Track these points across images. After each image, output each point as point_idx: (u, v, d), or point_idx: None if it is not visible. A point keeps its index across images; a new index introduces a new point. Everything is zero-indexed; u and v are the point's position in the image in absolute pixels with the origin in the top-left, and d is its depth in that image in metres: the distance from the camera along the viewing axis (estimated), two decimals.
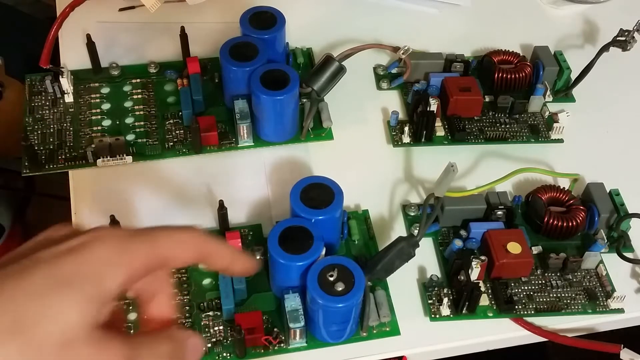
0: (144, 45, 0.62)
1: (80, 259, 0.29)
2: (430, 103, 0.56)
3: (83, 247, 0.29)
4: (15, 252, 0.30)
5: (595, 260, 0.50)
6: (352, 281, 0.43)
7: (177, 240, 0.32)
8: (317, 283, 0.43)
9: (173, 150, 0.55)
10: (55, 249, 0.29)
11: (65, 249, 0.29)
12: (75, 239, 0.30)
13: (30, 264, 0.29)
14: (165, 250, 0.31)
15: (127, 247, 0.30)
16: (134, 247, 0.30)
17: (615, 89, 0.64)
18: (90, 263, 0.29)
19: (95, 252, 0.29)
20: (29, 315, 0.28)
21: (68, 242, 0.30)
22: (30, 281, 0.28)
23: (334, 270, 0.43)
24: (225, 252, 0.34)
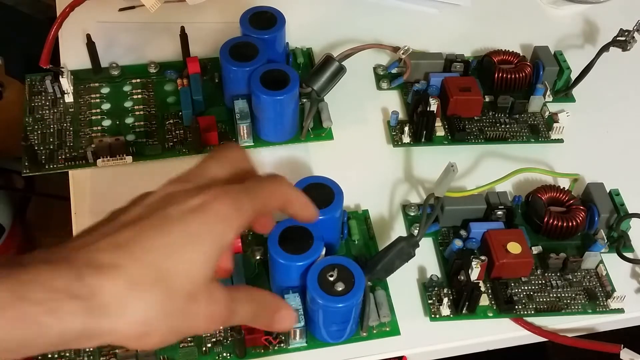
0: (144, 45, 0.62)
1: (205, 218, 0.32)
2: (430, 103, 0.56)
3: (205, 206, 0.32)
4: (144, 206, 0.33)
5: (595, 260, 0.50)
6: (352, 281, 0.43)
7: (272, 192, 0.36)
8: (317, 283, 0.43)
9: (173, 150, 0.55)
10: (183, 206, 0.32)
11: (190, 207, 0.32)
12: (197, 197, 0.33)
13: (164, 221, 0.32)
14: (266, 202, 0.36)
15: (239, 205, 0.34)
16: (244, 203, 0.34)
17: (615, 89, 0.64)
18: (213, 221, 0.32)
19: (215, 210, 0.32)
20: (168, 268, 0.31)
21: (192, 200, 0.33)
22: (167, 238, 0.31)
23: (334, 271, 0.43)
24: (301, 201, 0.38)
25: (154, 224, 0.32)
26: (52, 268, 0.29)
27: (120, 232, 0.32)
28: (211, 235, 0.32)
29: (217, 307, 0.33)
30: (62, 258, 0.30)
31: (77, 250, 0.31)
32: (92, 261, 0.30)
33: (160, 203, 0.33)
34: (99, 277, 0.30)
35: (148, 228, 0.32)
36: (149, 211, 0.33)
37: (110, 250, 0.31)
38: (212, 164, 0.36)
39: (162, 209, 0.33)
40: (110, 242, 0.31)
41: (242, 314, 0.35)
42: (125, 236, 0.31)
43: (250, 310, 0.35)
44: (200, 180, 0.35)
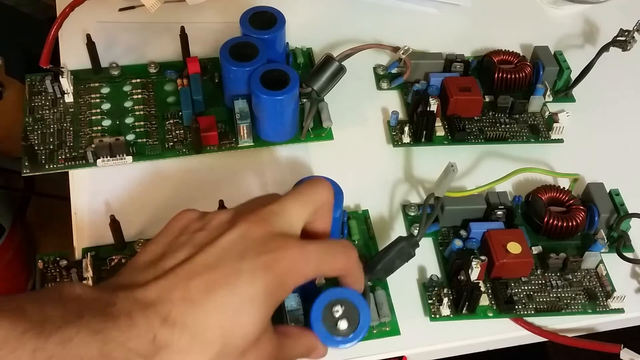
0: (144, 45, 0.62)
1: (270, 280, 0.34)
2: (430, 103, 0.56)
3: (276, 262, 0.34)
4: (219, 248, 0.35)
5: (595, 260, 0.50)
6: (357, 321, 0.40)
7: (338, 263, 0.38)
8: (321, 320, 0.40)
9: (173, 150, 0.55)
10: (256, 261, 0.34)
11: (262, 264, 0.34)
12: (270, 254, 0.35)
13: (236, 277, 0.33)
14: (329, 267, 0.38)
15: (305, 267, 0.36)
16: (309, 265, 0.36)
17: (615, 89, 0.64)
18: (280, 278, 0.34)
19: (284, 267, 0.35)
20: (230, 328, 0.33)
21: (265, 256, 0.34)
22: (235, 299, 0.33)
23: (340, 306, 0.42)
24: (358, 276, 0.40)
25: (225, 279, 0.33)
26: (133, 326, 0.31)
27: (193, 283, 0.33)
28: (272, 296, 0.34)
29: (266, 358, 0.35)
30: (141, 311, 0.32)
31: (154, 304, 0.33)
32: (167, 320, 0.32)
33: (235, 249, 0.35)
34: (170, 335, 0.32)
35: (220, 285, 0.33)
36: (223, 257, 0.34)
37: (183, 308, 0.33)
38: (297, 206, 0.38)
39: (236, 259, 0.34)
40: (183, 298, 0.33)
41: (287, 357, 0.38)
42: (198, 290, 0.33)
43: (295, 354, 0.38)
44: (280, 225, 0.36)
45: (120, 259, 0.49)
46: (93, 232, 0.51)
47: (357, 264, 0.39)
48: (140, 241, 0.50)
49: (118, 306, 0.32)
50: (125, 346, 0.31)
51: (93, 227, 0.51)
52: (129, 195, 0.53)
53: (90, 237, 0.51)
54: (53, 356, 0.29)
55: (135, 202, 0.53)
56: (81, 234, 0.51)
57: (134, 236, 0.50)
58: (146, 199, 0.53)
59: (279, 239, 0.35)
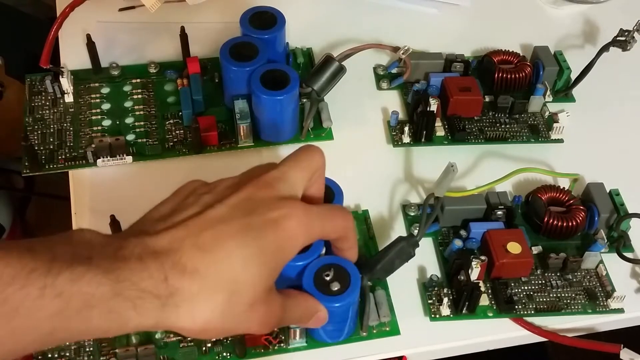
0: (144, 45, 0.62)
1: (279, 234, 0.35)
2: (430, 103, 0.56)
3: (282, 222, 0.35)
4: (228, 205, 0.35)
5: (595, 260, 0.50)
6: (348, 281, 0.43)
7: (339, 224, 0.39)
8: (313, 283, 0.42)
9: (173, 150, 0.55)
10: (264, 216, 0.35)
11: (270, 219, 0.35)
12: (277, 210, 0.36)
13: (245, 230, 0.34)
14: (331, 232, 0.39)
15: (310, 228, 0.37)
16: (315, 227, 0.37)
17: (615, 89, 0.64)
18: (285, 239, 0.36)
19: (289, 228, 0.36)
20: (239, 278, 0.34)
21: (272, 213, 0.35)
22: (245, 250, 0.34)
23: (330, 270, 0.43)
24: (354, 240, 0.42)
25: (236, 232, 0.34)
26: (145, 268, 0.32)
27: (204, 233, 0.34)
28: (280, 253, 0.36)
29: (272, 315, 0.37)
30: (153, 257, 0.33)
31: (167, 252, 0.33)
32: (177, 264, 0.33)
33: (244, 208, 0.35)
34: (181, 280, 0.33)
35: (230, 236, 0.34)
36: (233, 213, 0.35)
37: (193, 253, 0.33)
38: (298, 172, 0.39)
39: (244, 215, 0.35)
40: (195, 245, 0.34)
41: (290, 319, 0.39)
42: (209, 239, 0.34)
43: (296, 315, 0.40)
44: (284, 190, 0.37)
45: None
46: None
47: (354, 227, 0.41)
48: None
49: (129, 249, 0.33)
50: (138, 286, 0.31)
51: (93, 227, 0.50)
52: (129, 195, 0.53)
53: None
54: (63, 293, 0.30)
55: (135, 202, 0.52)
56: None
57: None
58: (146, 199, 0.53)
59: (284, 201, 0.36)
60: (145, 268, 0.32)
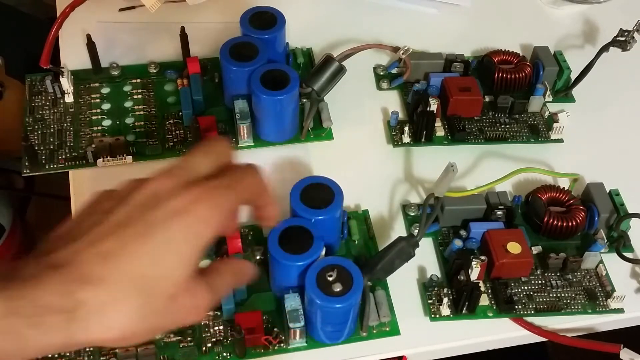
0: (144, 45, 0.62)
1: (186, 222, 0.34)
2: (430, 103, 0.56)
3: (187, 209, 0.34)
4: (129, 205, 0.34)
5: (595, 260, 0.50)
6: (350, 282, 0.43)
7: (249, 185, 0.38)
8: (316, 283, 0.43)
9: (173, 150, 0.55)
10: (166, 209, 0.34)
11: (173, 210, 0.34)
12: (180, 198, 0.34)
13: (148, 228, 0.33)
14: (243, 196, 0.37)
15: (218, 205, 0.35)
16: (222, 202, 0.35)
17: (615, 89, 0.64)
18: (194, 224, 0.34)
19: (197, 214, 0.34)
20: (150, 275, 0.33)
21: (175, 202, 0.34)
22: (150, 245, 0.33)
23: (333, 271, 0.43)
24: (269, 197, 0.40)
25: (138, 232, 0.33)
26: (43, 284, 0.31)
27: (105, 241, 0.33)
28: (192, 238, 0.34)
29: (200, 299, 0.35)
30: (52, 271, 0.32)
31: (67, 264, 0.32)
32: (79, 276, 0.32)
33: (145, 204, 0.34)
34: (86, 291, 0.31)
35: (133, 238, 0.33)
36: (134, 214, 0.34)
37: (96, 262, 0.32)
38: (201, 158, 0.37)
39: (146, 212, 0.34)
40: (97, 254, 0.32)
41: (221, 292, 0.38)
42: (111, 246, 0.33)
43: (226, 286, 0.39)
44: (187, 176, 0.36)
45: None
46: None
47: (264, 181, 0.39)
48: None
49: (26, 269, 0.32)
50: (35, 303, 0.30)
51: None
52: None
53: None
54: None
55: None
56: None
57: None
58: None
59: (186, 188, 0.35)
60: (44, 284, 0.31)
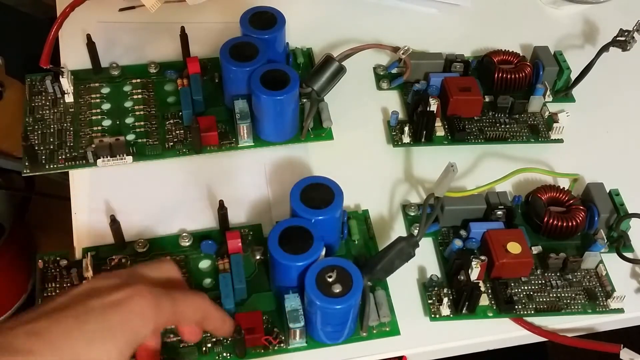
0: (144, 45, 0.62)
1: (123, 313, 0.35)
2: (430, 103, 0.56)
3: (126, 302, 0.35)
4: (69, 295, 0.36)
5: (595, 260, 0.50)
6: (350, 283, 0.43)
7: (191, 305, 0.40)
8: (315, 284, 0.43)
9: (173, 150, 0.55)
10: (105, 299, 0.35)
11: (112, 301, 0.35)
12: (120, 292, 0.36)
13: (85, 312, 0.34)
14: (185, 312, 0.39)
15: (158, 305, 0.37)
16: (162, 305, 0.37)
17: (615, 89, 0.64)
18: (131, 317, 0.35)
19: (135, 307, 0.36)
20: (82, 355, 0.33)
21: (115, 294, 0.36)
22: (86, 328, 0.34)
23: (333, 272, 0.43)
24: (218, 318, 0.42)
25: (73, 314, 0.34)
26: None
27: (38, 321, 0.34)
28: (127, 330, 0.35)
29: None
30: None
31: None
32: (7, 346, 0.32)
33: (84, 295, 0.36)
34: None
35: (66, 317, 0.34)
36: (72, 301, 0.35)
37: (25, 337, 0.33)
38: (144, 267, 0.40)
39: (84, 300, 0.35)
40: (27, 330, 0.33)
41: None
42: (42, 324, 0.34)
43: None
44: (128, 279, 0.38)
45: (120, 259, 0.49)
46: (93, 232, 0.51)
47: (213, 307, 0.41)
48: (140, 241, 0.50)
49: None
50: None
51: (93, 227, 0.51)
52: (129, 195, 0.53)
53: (90, 237, 0.51)
54: None
55: (135, 202, 0.53)
56: (81, 234, 0.51)
57: (134, 236, 0.50)
58: (146, 199, 0.53)
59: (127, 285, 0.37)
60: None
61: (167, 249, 0.50)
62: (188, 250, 0.50)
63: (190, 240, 0.50)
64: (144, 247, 0.50)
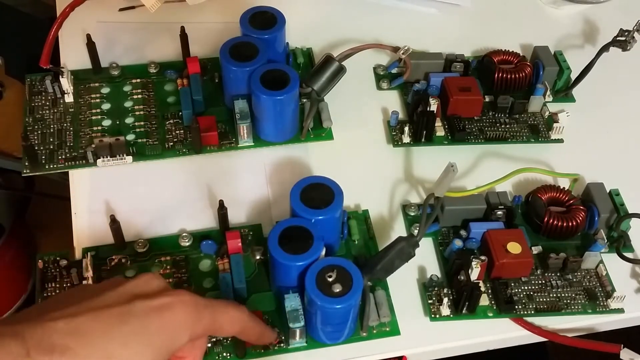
0: (144, 45, 0.62)
1: (164, 318, 0.35)
2: (430, 103, 0.56)
3: (168, 307, 0.36)
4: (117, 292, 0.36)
5: (595, 260, 0.50)
6: (350, 283, 0.43)
7: (230, 318, 0.40)
8: (315, 283, 0.43)
9: (173, 150, 0.55)
10: (149, 302, 0.35)
11: (155, 305, 0.36)
12: (164, 297, 0.36)
13: (127, 313, 0.35)
14: (223, 324, 0.40)
15: (198, 316, 0.37)
16: (202, 316, 0.37)
17: (615, 89, 0.64)
18: (171, 325, 0.36)
19: (176, 315, 0.36)
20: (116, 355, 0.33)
21: (159, 299, 0.36)
22: (125, 329, 0.34)
23: (333, 272, 0.43)
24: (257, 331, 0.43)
25: (116, 313, 0.34)
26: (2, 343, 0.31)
27: (81, 316, 0.34)
28: (165, 336, 0.35)
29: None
30: (16, 333, 0.32)
31: (33, 326, 0.32)
32: (43, 342, 0.32)
33: (131, 295, 0.36)
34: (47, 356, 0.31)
35: (109, 317, 0.34)
36: (118, 299, 0.35)
37: (65, 333, 0.33)
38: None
39: (130, 301, 0.35)
40: (69, 325, 0.33)
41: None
42: (85, 322, 0.33)
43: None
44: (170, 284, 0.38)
45: (120, 259, 0.49)
46: (93, 232, 0.51)
47: (251, 320, 0.42)
48: (140, 241, 0.50)
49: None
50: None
51: (93, 227, 0.51)
52: (129, 195, 0.53)
53: (90, 237, 0.51)
54: None
55: (135, 202, 0.53)
56: (81, 234, 0.51)
57: (134, 236, 0.50)
58: (146, 199, 0.53)
59: (171, 291, 0.37)
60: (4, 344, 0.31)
61: (167, 249, 0.50)
62: (188, 250, 0.50)
63: (190, 240, 0.50)
64: (144, 247, 0.50)
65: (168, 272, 0.49)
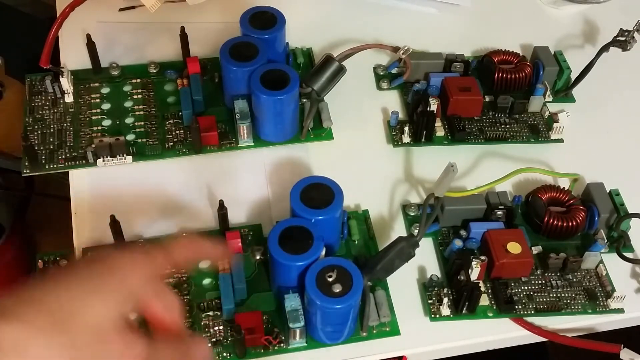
0: (144, 45, 0.62)
1: (111, 264, 0.35)
2: (430, 103, 0.56)
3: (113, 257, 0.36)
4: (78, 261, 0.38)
5: (595, 260, 0.50)
6: (350, 283, 0.43)
7: (181, 243, 0.40)
8: (315, 283, 0.43)
9: (173, 150, 0.55)
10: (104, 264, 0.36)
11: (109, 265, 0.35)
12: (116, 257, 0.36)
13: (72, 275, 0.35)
14: (174, 251, 0.39)
15: (147, 252, 0.37)
16: (152, 252, 0.37)
17: (615, 89, 0.64)
18: (118, 267, 0.35)
19: (122, 259, 0.36)
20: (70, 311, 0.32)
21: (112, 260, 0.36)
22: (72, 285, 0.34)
23: (333, 272, 0.43)
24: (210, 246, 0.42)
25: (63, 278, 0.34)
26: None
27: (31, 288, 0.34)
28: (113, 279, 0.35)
29: (134, 350, 0.34)
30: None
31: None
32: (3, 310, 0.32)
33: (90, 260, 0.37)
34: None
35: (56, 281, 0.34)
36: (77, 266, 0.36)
37: (14, 300, 0.32)
38: None
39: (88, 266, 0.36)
40: (19, 295, 0.33)
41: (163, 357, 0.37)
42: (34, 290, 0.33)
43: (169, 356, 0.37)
44: None
45: None
46: (93, 232, 0.51)
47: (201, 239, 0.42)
48: (140, 241, 0.50)
49: None
50: None
51: (93, 227, 0.51)
52: (129, 195, 0.53)
53: (90, 237, 0.51)
54: None
55: (135, 202, 0.53)
56: (81, 234, 0.51)
57: (134, 236, 0.50)
58: (146, 199, 0.53)
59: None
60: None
61: None
62: None
63: None
64: None
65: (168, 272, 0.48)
